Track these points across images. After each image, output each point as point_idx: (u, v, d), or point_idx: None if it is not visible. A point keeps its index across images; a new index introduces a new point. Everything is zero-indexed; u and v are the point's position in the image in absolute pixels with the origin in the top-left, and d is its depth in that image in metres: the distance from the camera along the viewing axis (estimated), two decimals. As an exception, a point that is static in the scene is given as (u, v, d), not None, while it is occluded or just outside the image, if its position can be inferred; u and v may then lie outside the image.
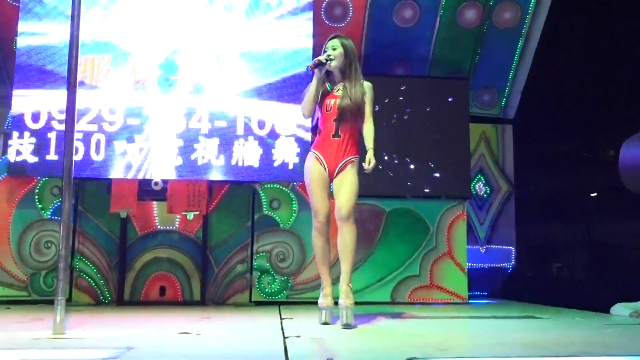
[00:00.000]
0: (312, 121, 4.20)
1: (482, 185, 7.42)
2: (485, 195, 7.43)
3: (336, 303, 4.09)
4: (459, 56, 7.28)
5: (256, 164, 6.24)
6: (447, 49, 7.19)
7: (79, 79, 3.96)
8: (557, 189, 9.89)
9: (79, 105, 4.00)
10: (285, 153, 6.27)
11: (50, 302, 3.81)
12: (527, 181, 8.18)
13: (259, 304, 6.35)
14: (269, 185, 6.58)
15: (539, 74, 7.61)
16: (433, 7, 7.06)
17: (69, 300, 6.01)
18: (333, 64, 4.02)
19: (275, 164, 6.25)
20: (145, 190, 6.23)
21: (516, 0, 7.16)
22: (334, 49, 4.05)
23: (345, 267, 4.03)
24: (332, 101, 4.00)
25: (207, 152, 6.21)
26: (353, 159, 4.04)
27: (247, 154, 6.24)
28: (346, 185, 3.98)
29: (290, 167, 6.27)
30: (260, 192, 6.56)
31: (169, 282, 6.36)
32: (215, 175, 6.21)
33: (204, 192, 6.29)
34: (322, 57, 4.01)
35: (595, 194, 10.40)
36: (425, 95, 6.74)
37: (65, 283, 3.66)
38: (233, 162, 6.22)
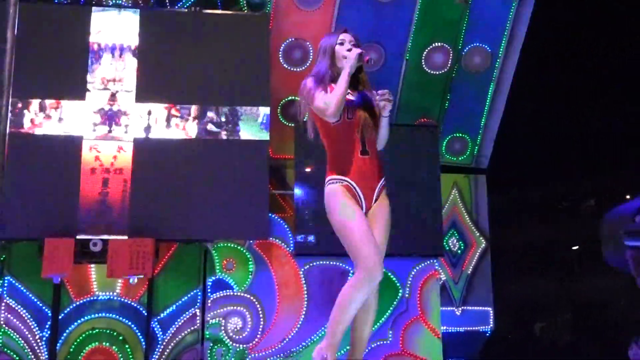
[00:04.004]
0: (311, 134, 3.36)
1: (455, 240, 7.37)
2: (459, 251, 7.38)
3: None
4: (427, 102, 7.35)
5: (208, 220, 6.12)
6: (414, 95, 7.27)
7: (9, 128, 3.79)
8: (536, 242, 9.95)
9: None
10: (240, 207, 6.17)
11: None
12: (503, 235, 8.19)
13: (211, 379, 6.17)
14: (222, 244, 6.47)
15: (512, 121, 7.70)
16: (399, 51, 7.15)
17: (-10, 380, 5.73)
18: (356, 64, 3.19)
19: (229, 220, 6.15)
20: (83, 251, 6.02)
21: (486, 44, 7.33)
22: (356, 46, 3.26)
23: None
24: (352, 109, 3.20)
25: (152, 207, 6.08)
26: (385, 183, 3.27)
27: (198, 208, 6.13)
28: (381, 226, 3.19)
29: (245, 222, 6.18)
30: (213, 251, 6.45)
31: (108, 357, 6.15)
32: (162, 234, 6.08)
33: (150, 253, 6.07)
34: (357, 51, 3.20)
35: (576, 247, 10.51)
36: (392, 144, 6.66)
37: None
38: (182, 218, 6.09)
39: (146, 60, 6.30)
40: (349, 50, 3.21)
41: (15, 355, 6.07)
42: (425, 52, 7.21)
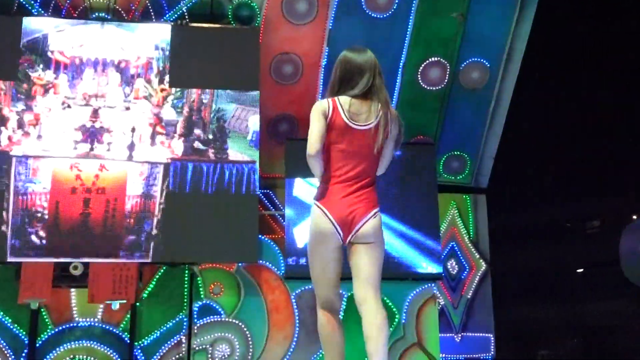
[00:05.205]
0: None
1: (454, 263, 7.34)
2: (458, 274, 7.34)
3: None
4: (423, 119, 7.36)
5: (194, 242, 6.11)
6: (409, 112, 7.20)
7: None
8: (538, 265, 9.94)
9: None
10: (227, 229, 6.17)
11: None
12: (504, 257, 8.17)
13: (197, 410, 6.11)
14: (209, 267, 6.43)
15: (512, 138, 7.74)
16: (393, 66, 7.17)
17: (-38, 412, 5.66)
18: None
19: (217, 242, 6.15)
20: (62, 275, 5.98)
21: (484, 59, 7.35)
22: None
23: None
24: None
25: (135, 229, 6.08)
26: None
27: (184, 230, 6.12)
28: None
29: (234, 244, 6.18)
30: (200, 275, 6.41)
31: (88, 387, 6.07)
32: (146, 256, 6.06)
33: (133, 277, 6.05)
34: None
35: (581, 270, 10.52)
36: (387, 163, 6.75)
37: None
38: (167, 240, 6.08)
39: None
40: None
41: (-11, 386, 5.97)
42: (421, 68, 7.25)
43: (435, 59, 7.26)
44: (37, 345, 6.02)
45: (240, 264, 6.45)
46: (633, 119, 9.07)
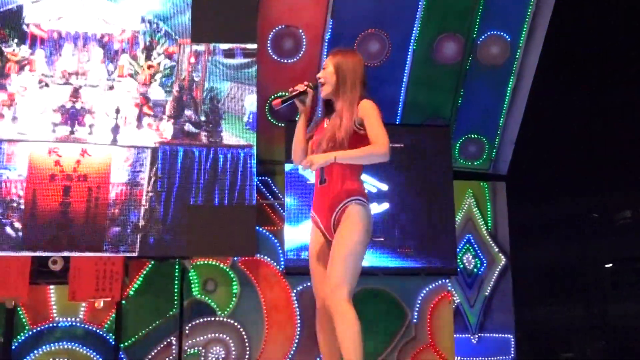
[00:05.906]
0: None
1: (470, 257, 7.23)
2: (475, 269, 7.23)
3: None
4: (437, 99, 7.26)
5: (185, 234, 5.94)
6: (422, 91, 7.16)
7: None
8: (563, 260, 9.85)
9: None
10: (222, 219, 6.01)
11: None
12: (525, 251, 8.08)
13: (188, 418, 6.15)
14: (202, 262, 6.38)
15: (535, 120, 7.65)
16: (404, 41, 7.03)
17: None
18: (324, 90, 3.40)
19: (210, 234, 5.98)
20: (40, 270, 5.84)
21: (505, 32, 7.22)
22: (324, 69, 3.50)
23: None
24: (318, 138, 3.46)
25: (121, 219, 5.91)
26: (348, 203, 3.29)
27: (174, 221, 5.94)
28: (334, 244, 3.26)
29: (229, 236, 6.01)
30: (191, 270, 6.35)
31: (69, 392, 6.03)
32: (133, 250, 5.90)
33: (118, 272, 5.90)
34: (300, 86, 3.44)
35: (610, 265, 10.37)
36: (398, 147, 6.55)
37: None
38: (156, 232, 5.93)
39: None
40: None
41: (-40, 392, 5.87)
42: (434, 42, 7.14)
43: (451, 32, 7.13)
44: (13, 347, 5.94)
45: (236, 258, 6.40)
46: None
